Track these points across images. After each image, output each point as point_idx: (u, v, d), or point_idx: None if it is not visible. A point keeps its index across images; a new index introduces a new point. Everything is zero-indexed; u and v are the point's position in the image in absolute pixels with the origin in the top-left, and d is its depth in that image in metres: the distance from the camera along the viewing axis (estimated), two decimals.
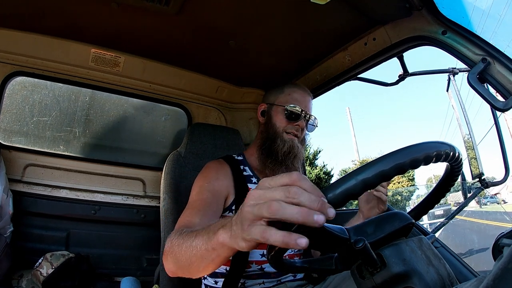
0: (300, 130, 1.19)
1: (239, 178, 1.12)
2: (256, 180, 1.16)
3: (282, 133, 1.17)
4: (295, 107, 1.18)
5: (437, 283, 0.53)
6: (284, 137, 1.16)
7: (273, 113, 1.22)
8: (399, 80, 1.40)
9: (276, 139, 1.16)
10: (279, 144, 1.14)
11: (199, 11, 1.27)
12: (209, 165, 1.15)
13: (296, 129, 1.18)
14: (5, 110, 1.68)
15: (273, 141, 1.16)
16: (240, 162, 1.20)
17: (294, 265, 0.67)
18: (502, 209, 11.29)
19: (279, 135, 1.17)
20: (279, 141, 1.15)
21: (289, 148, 1.14)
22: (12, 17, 1.39)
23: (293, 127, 1.18)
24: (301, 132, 1.21)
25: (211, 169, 1.11)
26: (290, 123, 1.19)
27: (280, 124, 1.19)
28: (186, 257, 0.66)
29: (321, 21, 1.30)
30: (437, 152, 0.55)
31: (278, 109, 1.21)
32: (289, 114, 1.18)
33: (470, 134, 1.49)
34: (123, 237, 1.88)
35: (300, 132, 1.20)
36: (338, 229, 0.62)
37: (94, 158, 1.87)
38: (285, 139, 1.16)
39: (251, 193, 0.48)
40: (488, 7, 1.13)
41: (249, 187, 1.11)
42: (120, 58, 1.64)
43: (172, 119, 2.06)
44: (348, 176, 0.52)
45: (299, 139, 1.20)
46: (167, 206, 1.30)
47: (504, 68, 0.94)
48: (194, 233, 0.67)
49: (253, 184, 1.14)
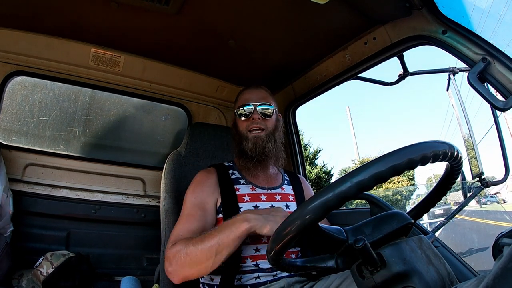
0: (259, 122, 1.24)
1: (226, 182, 1.21)
2: (244, 180, 1.24)
3: (246, 133, 1.24)
4: (242, 107, 1.26)
5: (437, 283, 0.53)
6: (248, 135, 1.23)
7: (236, 121, 1.31)
8: (399, 80, 1.40)
9: (242, 140, 1.24)
10: (245, 144, 1.22)
11: (199, 11, 1.27)
12: (197, 176, 1.23)
13: (254, 123, 1.24)
14: (5, 109, 1.68)
15: (240, 143, 1.25)
16: (229, 167, 1.29)
17: (294, 264, 0.67)
18: (502, 208, 11.29)
19: (243, 136, 1.24)
20: (244, 141, 1.23)
21: (253, 144, 1.21)
22: (12, 17, 1.39)
23: (251, 123, 1.24)
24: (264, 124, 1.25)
25: (198, 182, 1.21)
26: (247, 121, 1.25)
27: (241, 127, 1.26)
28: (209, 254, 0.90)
29: (321, 21, 1.30)
30: (434, 152, 0.55)
31: (236, 115, 1.29)
32: (242, 115, 1.26)
33: (470, 133, 1.49)
34: (123, 237, 1.88)
35: (262, 124, 1.24)
36: (335, 230, 0.62)
37: (94, 158, 1.87)
38: (249, 137, 1.23)
39: None
40: (488, 7, 1.13)
41: (236, 188, 1.20)
42: (120, 58, 1.64)
43: (172, 118, 2.06)
44: (343, 179, 0.52)
45: (266, 131, 1.24)
46: (168, 205, 1.30)
47: (504, 68, 0.94)
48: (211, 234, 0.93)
49: (241, 184, 1.22)
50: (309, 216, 0.52)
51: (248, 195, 1.19)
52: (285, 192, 1.27)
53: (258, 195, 1.20)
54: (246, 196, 1.18)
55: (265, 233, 0.90)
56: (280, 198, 1.23)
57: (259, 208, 1.16)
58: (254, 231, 0.91)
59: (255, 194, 1.20)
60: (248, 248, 1.09)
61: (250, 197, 1.18)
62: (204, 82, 1.86)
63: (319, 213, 0.52)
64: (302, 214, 0.53)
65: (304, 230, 0.54)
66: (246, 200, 1.17)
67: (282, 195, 1.24)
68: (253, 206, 1.16)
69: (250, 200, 1.18)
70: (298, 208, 0.55)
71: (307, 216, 0.53)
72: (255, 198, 1.19)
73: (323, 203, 0.52)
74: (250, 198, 1.18)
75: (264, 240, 1.10)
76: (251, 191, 1.21)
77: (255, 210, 1.06)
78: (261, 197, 1.20)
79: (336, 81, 1.58)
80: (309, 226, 0.53)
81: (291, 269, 0.68)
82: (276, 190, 1.25)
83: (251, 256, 1.09)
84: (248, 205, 1.16)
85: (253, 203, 1.17)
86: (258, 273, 1.08)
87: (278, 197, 1.23)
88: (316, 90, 1.69)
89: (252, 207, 1.16)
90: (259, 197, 1.20)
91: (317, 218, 0.52)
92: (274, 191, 1.24)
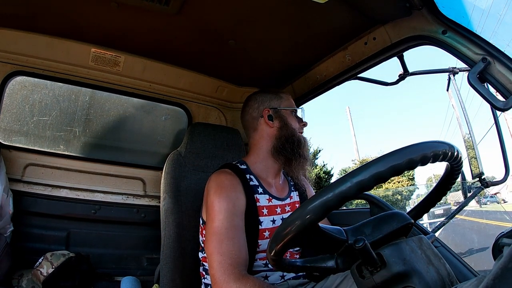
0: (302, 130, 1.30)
1: (249, 191, 1.11)
2: (262, 190, 1.16)
3: (297, 133, 1.24)
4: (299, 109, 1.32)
5: (437, 283, 0.53)
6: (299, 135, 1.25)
7: (284, 117, 1.25)
8: (399, 80, 1.40)
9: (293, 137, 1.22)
10: (294, 141, 1.20)
11: (199, 11, 1.27)
12: (222, 179, 1.10)
13: (302, 128, 1.29)
14: (5, 109, 1.68)
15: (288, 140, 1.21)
16: (245, 171, 1.18)
17: (295, 265, 0.67)
18: (502, 208, 11.27)
19: (295, 134, 1.23)
20: (295, 139, 1.21)
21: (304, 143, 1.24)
22: (12, 17, 1.39)
23: (302, 127, 1.29)
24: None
25: (228, 187, 1.07)
26: (300, 122, 1.29)
27: (295, 125, 1.25)
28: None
29: (321, 21, 1.30)
30: (434, 152, 0.55)
31: (287, 112, 1.27)
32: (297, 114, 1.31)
33: (470, 133, 1.49)
34: (123, 237, 1.88)
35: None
36: (335, 230, 0.62)
37: (94, 158, 1.87)
38: (299, 137, 1.24)
39: None
40: (488, 7, 1.13)
41: (256, 198, 1.12)
42: (120, 58, 1.64)
43: (172, 118, 2.06)
44: (343, 179, 0.52)
45: None
46: (168, 205, 1.30)
47: (504, 68, 0.93)
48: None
49: (260, 194, 1.14)
50: (309, 216, 0.52)
51: (266, 207, 1.14)
52: (293, 201, 1.25)
53: (274, 208, 1.16)
54: (264, 208, 1.13)
55: None
56: (290, 208, 1.21)
57: (275, 221, 1.13)
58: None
59: (271, 206, 1.15)
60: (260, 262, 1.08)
61: (267, 210, 1.13)
62: (204, 82, 1.86)
63: (319, 213, 0.52)
64: (302, 214, 0.53)
65: (304, 230, 0.54)
66: (265, 213, 1.12)
67: (291, 205, 1.23)
68: (271, 221, 1.12)
69: (267, 213, 1.13)
70: (298, 208, 0.55)
71: (307, 216, 0.53)
72: (272, 211, 1.15)
73: (323, 203, 0.52)
74: (268, 212, 1.13)
75: None
76: (268, 202, 1.15)
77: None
78: (276, 210, 1.16)
79: (336, 81, 1.58)
80: (309, 226, 0.53)
81: (291, 269, 0.67)
82: (286, 200, 1.22)
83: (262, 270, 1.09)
84: (267, 219, 1.11)
85: (270, 217, 1.13)
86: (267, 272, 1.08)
87: (288, 207, 1.21)
88: (316, 90, 1.68)
89: (270, 221, 1.12)
90: (275, 210, 1.16)
91: (317, 218, 0.52)
92: (285, 202, 1.21)
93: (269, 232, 1.10)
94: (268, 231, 1.10)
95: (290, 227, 0.55)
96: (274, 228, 1.10)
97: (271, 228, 1.10)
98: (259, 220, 1.08)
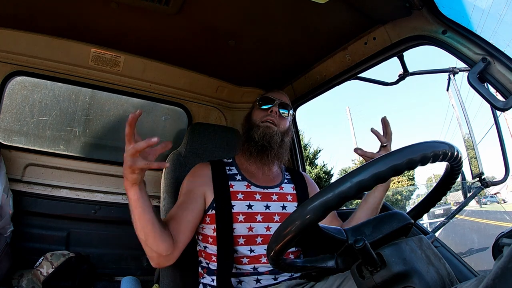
0: (274, 117, 1.24)
1: (220, 177, 1.19)
2: (241, 177, 1.22)
3: (258, 123, 1.24)
4: (265, 98, 1.28)
5: (437, 283, 0.53)
6: (260, 124, 1.24)
7: (251, 112, 1.32)
8: (399, 80, 1.40)
9: (252, 128, 1.24)
10: (254, 131, 1.22)
11: (199, 11, 1.27)
12: (194, 169, 1.25)
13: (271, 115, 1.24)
14: (5, 110, 1.68)
15: (250, 130, 1.25)
16: (227, 163, 1.27)
17: (294, 265, 0.67)
18: (502, 208, 11.27)
19: (255, 125, 1.24)
20: (255, 128, 1.23)
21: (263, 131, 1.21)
22: (12, 17, 1.39)
23: (268, 114, 1.24)
24: (277, 121, 1.24)
25: (191, 173, 1.23)
26: (265, 111, 1.26)
27: (256, 117, 1.27)
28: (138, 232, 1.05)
29: (321, 21, 1.30)
30: (434, 152, 0.55)
31: (256, 105, 1.30)
32: (262, 102, 1.27)
33: (470, 133, 1.49)
34: (123, 237, 1.88)
35: (276, 120, 1.24)
36: (335, 230, 0.62)
37: (94, 158, 1.87)
38: (260, 126, 1.23)
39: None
40: (488, 7, 1.13)
41: (231, 184, 1.18)
42: (120, 58, 1.64)
43: (172, 118, 2.06)
44: (343, 179, 0.52)
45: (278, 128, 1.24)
46: (168, 205, 1.30)
47: (504, 68, 0.93)
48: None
49: (237, 181, 1.20)
50: (309, 216, 0.52)
51: (242, 192, 1.17)
52: (284, 192, 1.25)
53: (253, 194, 1.18)
54: (239, 193, 1.16)
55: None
56: (277, 198, 1.21)
57: (253, 207, 1.15)
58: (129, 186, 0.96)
59: (249, 192, 1.18)
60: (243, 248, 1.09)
61: (243, 194, 1.16)
62: (204, 82, 1.86)
63: (319, 213, 0.52)
64: (302, 214, 0.53)
65: (304, 230, 0.54)
66: (239, 198, 1.15)
67: (279, 195, 1.23)
68: (246, 205, 1.14)
69: (243, 198, 1.16)
70: (298, 208, 0.55)
71: (307, 216, 0.53)
72: (249, 196, 1.17)
73: (323, 203, 0.52)
74: (243, 196, 1.16)
75: (258, 241, 1.10)
76: (246, 188, 1.19)
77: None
78: (256, 196, 1.18)
79: (336, 81, 1.58)
80: (309, 226, 0.53)
81: (291, 269, 0.67)
82: (274, 189, 1.23)
83: (248, 256, 1.09)
84: (241, 203, 1.14)
85: (246, 202, 1.15)
86: (257, 276, 1.08)
87: (275, 196, 1.21)
88: (316, 90, 1.69)
89: (245, 205, 1.14)
90: (253, 196, 1.18)
91: (317, 218, 0.52)
92: (271, 191, 1.22)
93: (243, 216, 1.12)
94: (243, 215, 1.12)
95: (290, 227, 0.55)
96: (250, 213, 1.13)
97: (246, 213, 1.13)
98: (230, 203, 1.13)
